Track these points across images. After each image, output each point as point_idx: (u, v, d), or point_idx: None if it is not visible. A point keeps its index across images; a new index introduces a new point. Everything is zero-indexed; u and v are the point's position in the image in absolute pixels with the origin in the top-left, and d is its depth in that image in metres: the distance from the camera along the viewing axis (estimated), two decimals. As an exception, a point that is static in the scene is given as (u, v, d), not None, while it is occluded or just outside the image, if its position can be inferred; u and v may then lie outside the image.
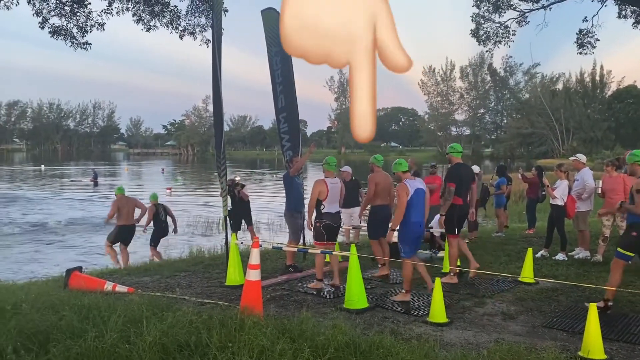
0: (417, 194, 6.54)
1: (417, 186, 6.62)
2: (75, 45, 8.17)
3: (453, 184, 7.36)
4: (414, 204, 6.48)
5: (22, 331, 4.13)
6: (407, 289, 6.57)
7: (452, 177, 7.44)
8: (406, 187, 6.49)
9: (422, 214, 6.68)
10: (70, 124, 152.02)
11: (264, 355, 3.95)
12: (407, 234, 6.60)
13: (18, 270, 11.67)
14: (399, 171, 6.79)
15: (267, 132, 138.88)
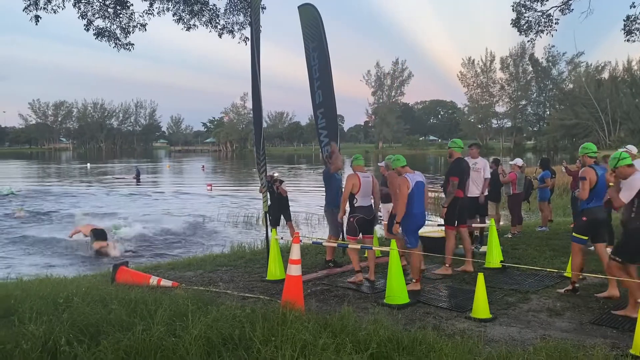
0: (417, 187, 6.89)
1: (417, 179, 6.96)
2: (119, 45, 8.40)
3: (456, 178, 7.69)
4: (415, 196, 6.83)
5: (74, 324, 4.28)
6: (416, 278, 6.84)
7: (455, 171, 7.77)
8: (407, 180, 6.83)
9: (422, 205, 7.04)
10: (114, 123, 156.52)
11: (307, 350, 3.98)
12: (410, 225, 6.91)
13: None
14: (397, 166, 7.12)
15: (304, 128, 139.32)
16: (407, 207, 6.75)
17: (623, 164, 5.72)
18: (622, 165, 5.73)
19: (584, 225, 6.39)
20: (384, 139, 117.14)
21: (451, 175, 7.75)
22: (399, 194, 6.85)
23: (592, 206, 6.32)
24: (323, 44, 9.49)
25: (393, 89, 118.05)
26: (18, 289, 5.95)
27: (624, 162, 5.73)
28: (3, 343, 3.77)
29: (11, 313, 4.57)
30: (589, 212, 6.33)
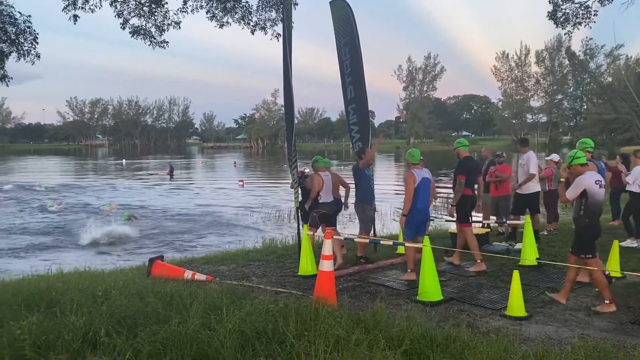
0: (423, 182, 7.18)
1: (423, 175, 7.25)
2: (154, 44, 8.55)
3: (463, 176, 7.82)
4: (420, 191, 7.13)
5: (112, 316, 4.39)
6: (411, 268, 7.12)
7: (462, 170, 7.91)
8: (413, 175, 7.17)
9: (427, 200, 7.37)
10: (148, 120, 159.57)
11: (340, 345, 3.99)
12: (411, 218, 7.20)
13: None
14: (410, 162, 7.46)
15: (334, 124, 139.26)
16: (412, 201, 7.06)
17: (577, 163, 5.98)
18: (576, 163, 5.98)
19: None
20: (415, 134, 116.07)
21: (458, 174, 7.89)
22: (406, 189, 7.14)
23: None
24: (355, 39, 9.46)
25: (425, 84, 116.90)
26: (59, 282, 6.14)
27: (578, 161, 5.98)
28: (46, 333, 3.89)
29: (53, 304, 4.72)
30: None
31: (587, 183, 5.82)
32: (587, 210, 5.86)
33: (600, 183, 5.90)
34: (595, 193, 5.83)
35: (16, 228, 17.11)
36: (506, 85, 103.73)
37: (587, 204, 5.84)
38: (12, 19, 8.43)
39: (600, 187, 5.88)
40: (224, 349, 3.84)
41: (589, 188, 5.81)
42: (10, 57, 8.65)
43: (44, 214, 20.22)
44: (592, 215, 5.88)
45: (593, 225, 5.91)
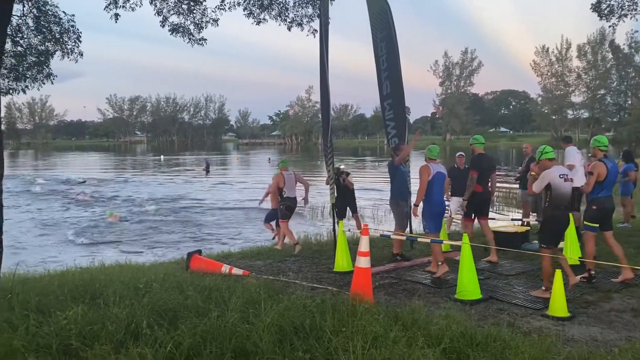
0: (437, 176, 7.40)
1: (438, 170, 7.48)
2: (192, 41, 8.66)
3: (476, 173, 8.03)
4: (435, 184, 7.35)
5: (153, 308, 4.49)
6: (441, 260, 7.14)
7: (475, 166, 8.14)
8: (429, 168, 7.38)
9: (442, 194, 7.58)
10: (185, 117, 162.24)
11: (378, 342, 3.96)
12: (431, 210, 7.41)
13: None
14: (427, 156, 7.61)
15: (368, 121, 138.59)
16: (428, 194, 7.29)
17: (545, 157, 6.34)
18: (544, 158, 6.35)
19: (594, 213, 6.79)
20: (452, 130, 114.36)
21: (471, 170, 8.12)
22: (420, 181, 7.35)
23: (602, 196, 6.77)
24: (392, 34, 9.37)
25: (462, 79, 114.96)
26: (102, 274, 6.31)
27: (546, 155, 6.34)
28: (91, 324, 4.00)
29: (97, 296, 4.84)
30: (599, 201, 6.77)
31: (551, 176, 6.12)
32: (552, 203, 6.16)
33: (565, 177, 6.18)
34: (559, 186, 6.11)
35: (56, 221, 17.69)
36: (546, 80, 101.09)
37: (551, 197, 6.15)
38: (57, 19, 8.66)
39: (565, 180, 6.15)
40: (262, 343, 3.87)
41: (553, 181, 6.11)
42: (55, 55, 8.91)
43: (85, 208, 20.80)
44: (556, 208, 6.16)
45: (557, 217, 6.20)
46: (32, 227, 16.66)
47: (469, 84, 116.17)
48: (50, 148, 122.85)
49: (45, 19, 8.55)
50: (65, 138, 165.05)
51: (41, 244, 13.92)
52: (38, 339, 3.80)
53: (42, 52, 8.79)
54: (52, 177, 36.46)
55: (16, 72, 8.76)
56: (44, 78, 8.96)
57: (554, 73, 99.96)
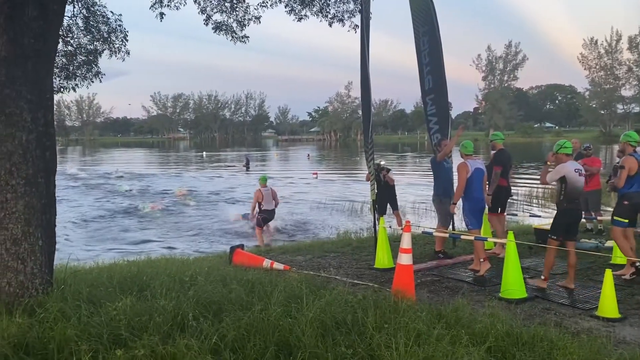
0: (476, 173, 7.40)
1: (476, 166, 7.48)
2: (235, 38, 8.75)
3: (499, 168, 8.16)
4: (474, 181, 7.35)
5: (198, 301, 4.58)
6: (483, 257, 7.11)
7: (498, 161, 8.26)
8: (467, 165, 7.36)
9: (481, 190, 7.54)
10: (226, 114, 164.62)
11: (421, 339, 3.93)
12: (472, 207, 7.41)
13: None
14: (462, 152, 7.62)
15: (409, 116, 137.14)
16: (468, 190, 7.31)
17: (562, 152, 6.43)
18: (562, 152, 6.43)
19: (626, 208, 6.83)
20: (495, 126, 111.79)
21: (495, 165, 8.21)
22: (458, 178, 7.38)
23: (633, 191, 6.79)
24: (434, 29, 9.25)
25: (505, 74, 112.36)
26: (148, 267, 6.49)
27: (564, 150, 6.43)
28: (139, 315, 4.12)
29: (144, 288, 4.98)
30: (630, 196, 6.81)
31: (566, 170, 6.26)
32: (566, 196, 6.28)
33: (579, 172, 6.33)
34: (574, 180, 6.24)
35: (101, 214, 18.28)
36: (594, 74, 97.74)
37: (566, 190, 6.27)
38: (105, 19, 8.92)
39: (579, 175, 6.30)
40: (304, 337, 3.90)
41: (568, 175, 6.24)
42: (103, 54, 9.18)
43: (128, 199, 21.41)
44: (570, 201, 6.29)
45: (571, 210, 6.34)
46: (78, 220, 17.28)
47: (513, 78, 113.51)
48: (97, 144, 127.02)
49: (94, 19, 8.82)
50: (112, 135, 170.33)
51: (87, 236, 14.42)
52: (90, 328, 3.94)
53: (91, 52, 9.07)
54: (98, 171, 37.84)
55: (67, 71, 9.06)
56: (93, 76, 9.25)
57: (602, 66, 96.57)
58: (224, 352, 3.67)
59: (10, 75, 4.61)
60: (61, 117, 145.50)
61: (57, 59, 7.97)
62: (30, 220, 4.72)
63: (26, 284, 4.67)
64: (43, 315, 4.14)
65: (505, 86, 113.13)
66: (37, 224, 4.77)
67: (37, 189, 4.79)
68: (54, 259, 5.09)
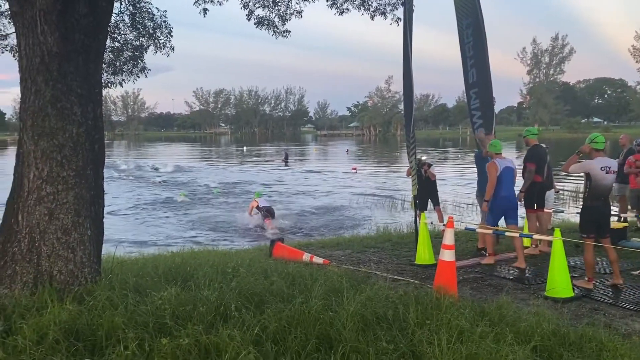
0: (505, 172, 7.52)
1: (506, 164, 7.60)
2: (277, 33, 8.79)
3: (533, 164, 8.02)
4: (503, 179, 7.47)
5: (241, 292, 4.63)
6: (490, 252, 7.52)
7: (532, 157, 8.09)
8: (495, 164, 7.53)
9: (511, 189, 7.64)
10: (266, 109, 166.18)
11: (464, 336, 3.87)
12: (496, 205, 7.52)
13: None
14: (492, 152, 7.74)
15: (450, 111, 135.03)
16: (495, 189, 7.44)
17: (592, 147, 6.30)
18: (593, 147, 6.30)
19: None
20: (539, 121, 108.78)
21: (527, 162, 8.06)
22: (489, 177, 7.51)
23: None
24: (479, 20, 9.05)
25: (551, 67, 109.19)
26: (192, 258, 6.62)
27: (594, 145, 6.30)
28: (183, 305, 4.20)
29: (188, 279, 5.07)
30: None
31: (592, 166, 6.17)
32: (591, 193, 6.22)
33: (607, 169, 6.13)
34: (600, 178, 6.12)
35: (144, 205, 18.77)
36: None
37: (591, 187, 6.21)
38: (151, 15, 9.13)
39: (607, 172, 6.12)
40: (345, 331, 3.88)
41: (593, 172, 6.14)
42: (148, 50, 9.40)
43: (165, 190, 21.91)
44: (595, 198, 6.19)
45: (596, 207, 6.22)
46: (123, 211, 17.80)
47: (559, 72, 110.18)
48: (142, 139, 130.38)
49: (140, 16, 9.03)
50: (155, 129, 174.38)
51: (132, 227, 14.84)
52: (136, 316, 4.04)
53: (137, 47, 9.30)
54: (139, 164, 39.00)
55: (114, 67, 9.33)
56: (139, 72, 9.48)
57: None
58: (266, 343, 3.70)
59: (62, 70, 4.76)
60: (108, 112, 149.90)
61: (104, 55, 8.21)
62: (80, 211, 4.87)
63: (76, 273, 4.82)
64: (92, 303, 4.27)
65: (551, 80, 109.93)
66: (86, 214, 4.92)
67: (87, 181, 4.93)
68: (101, 248, 5.24)
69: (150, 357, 3.53)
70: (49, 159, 4.73)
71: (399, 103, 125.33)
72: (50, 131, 4.73)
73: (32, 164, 4.74)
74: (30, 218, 4.74)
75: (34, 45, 4.72)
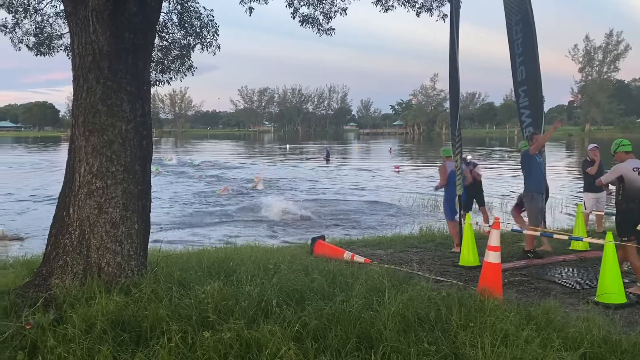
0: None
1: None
2: (321, 31, 8.78)
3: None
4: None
5: (282, 288, 4.66)
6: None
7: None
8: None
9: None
10: (309, 107, 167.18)
11: (508, 340, 3.76)
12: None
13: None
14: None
15: (497, 109, 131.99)
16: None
17: (621, 150, 6.33)
18: (620, 150, 6.33)
19: None
20: (592, 120, 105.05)
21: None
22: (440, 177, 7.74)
23: None
24: (528, 16, 8.78)
25: (605, 65, 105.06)
26: (234, 254, 6.71)
27: (622, 148, 6.33)
28: (226, 299, 4.26)
29: (230, 274, 5.14)
30: None
31: (624, 169, 6.13)
32: (625, 195, 6.14)
33: (639, 170, 6.09)
34: (633, 179, 6.08)
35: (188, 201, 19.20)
36: None
37: (624, 189, 6.14)
38: (198, 14, 9.30)
39: (639, 173, 6.06)
40: (386, 331, 3.85)
41: (626, 174, 6.11)
42: (195, 48, 9.58)
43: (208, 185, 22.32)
44: (630, 200, 6.11)
45: (631, 210, 6.10)
46: (167, 206, 18.25)
47: (614, 69, 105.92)
48: (188, 136, 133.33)
49: (188, 15, 9.20)
50: (201, 127, 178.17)
51: (176, 222, 15.18)
52: (180, 309, 4.12)
53: (184, 46, 9.49)
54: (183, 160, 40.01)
55: (162, 65, 9.54)
56: (186, 70, 9.67)
57: None
58: (306, 340, 3.71)
59: (112, 68, 4.91)
60: (156, 110, 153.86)
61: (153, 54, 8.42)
62: (128, 205, 5.01)
63: (123, 265, 4.97)
64: (138, 295, 4.38)
65: (604, 78, 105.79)
66: (134, 209, 5.06)
67: (134, 176, 5.07)
68: (148, 242, 5.38)
69: (193, 350, 3.59)
70: (99, 154, 4.89)
71: (444, 101, 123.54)
72: (100, 127, 4.88)
73: (83, 159, 4.91)
74: (81, 211, 4.90)
75: (86, 44, 4.88)
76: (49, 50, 8.91)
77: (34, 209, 17.75)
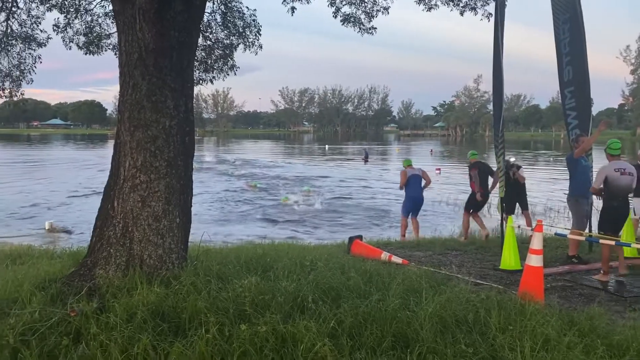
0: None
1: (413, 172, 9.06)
2: (363, 30, 8.76)
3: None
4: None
5: (318, 285, 4.68)
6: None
7: None
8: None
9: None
10: (349, 108, 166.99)
11: (549, 345, 3.66)
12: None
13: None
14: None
15: (543, 112, 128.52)
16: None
17: (607, 152, 6.87)
18: (607, 153, 6.87)
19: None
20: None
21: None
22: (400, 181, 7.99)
23: None
24: (577, 15, 8.52)
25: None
26: (272, 250, 6.77)
27: (609, 151, 6.86)
28: (263, 294, 4.31)
29: (267, 270, 5.20)
30: None
31: (607, 171, 6.64)
32: (608, 194, 6.64)
33: (622, 170, 6.62)
34: (615, 179, 6.60)
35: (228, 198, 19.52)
36: None
37: (608, 188, 6.63)
38: (241, 14, 9.43)
39: (621, 174, 6.60)
40: (422, 332, 3.81)
41: (609, 174, 6.63)
42: (238, 48, 9.71)
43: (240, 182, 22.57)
44: (613, 199, 6.62)
45: (614, 207, 6.65)
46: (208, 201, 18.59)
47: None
48: (230, 136, 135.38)
49: (231, 15, 9.35)
50: (243, 127, 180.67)
51: (216, 217, 15.44)
52: (218, 302, 4.19)
53: (227, 46, 9.64)
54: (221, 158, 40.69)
55: (205, 64, 9.72)
56: (229, 69, 9.83)
57: None
58: (341, 337, 3.71)
59: (158, 65, 5.03)
60: (199, 109, 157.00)
61: (197, 53, 8.60)
62: (170, 199, 5.12)
63: (164, 258, 5.08)
64: (177, 287, 4.48)
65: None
66: (176, 203, 5.17)
67: (177, 171, 5.18)
68: (189, 236, 5.49)
69: (230, 342, 3.65)
70: (143, 149, 5.02)
71: (488, 103, 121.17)
72: (145, 123, 5.01)
73: (128, 154, 5.05)
74: (125, 204, 5.05)
75: (133, 41, 5.02)
76: (97, 49, 9.22)
77: (83, 202, 18.44)
